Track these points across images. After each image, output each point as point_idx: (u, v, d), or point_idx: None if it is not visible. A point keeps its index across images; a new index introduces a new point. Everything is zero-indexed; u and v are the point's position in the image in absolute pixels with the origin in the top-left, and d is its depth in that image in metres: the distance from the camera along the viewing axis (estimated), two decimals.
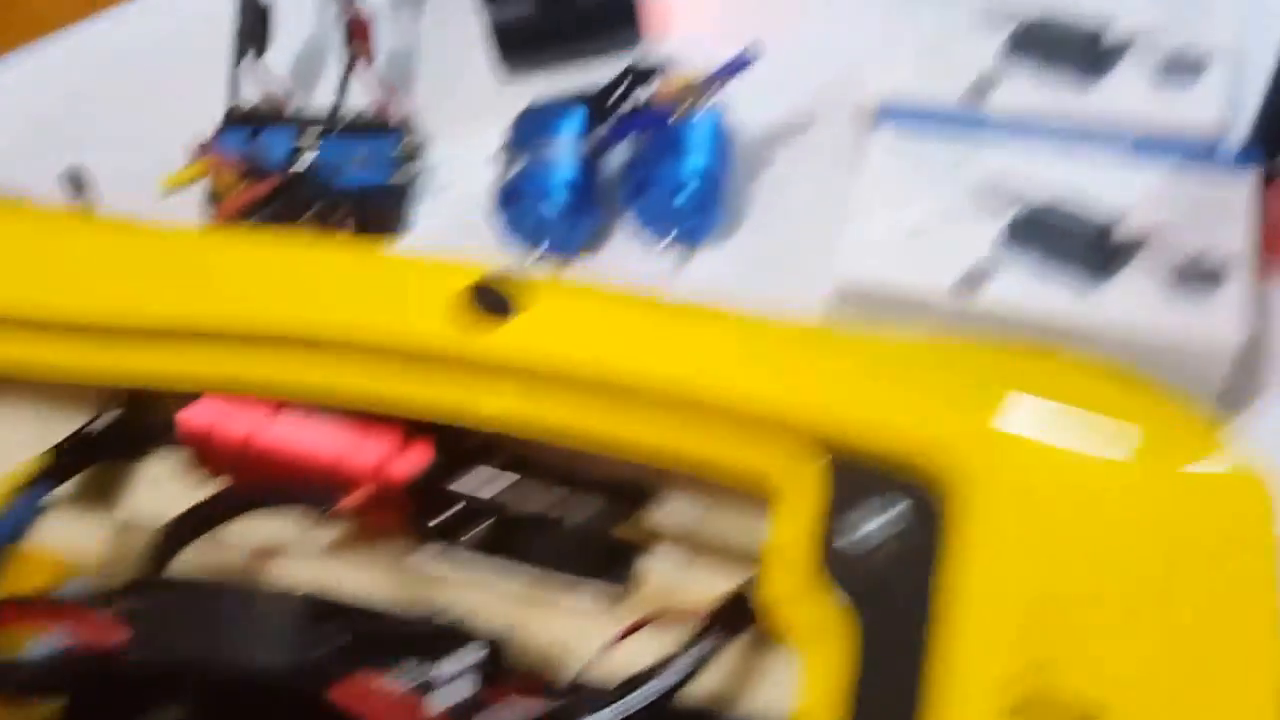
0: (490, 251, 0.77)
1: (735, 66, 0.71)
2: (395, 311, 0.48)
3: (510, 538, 0.58)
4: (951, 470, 0.40)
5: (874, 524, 0.41)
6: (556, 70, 0.86)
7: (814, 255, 0.61)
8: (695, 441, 0.43)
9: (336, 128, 0.82)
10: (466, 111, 0.85)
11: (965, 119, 0.62)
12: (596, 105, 0.75)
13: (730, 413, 0.43)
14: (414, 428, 0.51)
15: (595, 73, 0.73)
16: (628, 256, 0.77)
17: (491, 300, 0.51)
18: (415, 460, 0.55)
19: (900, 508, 0.41)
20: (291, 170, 0.80)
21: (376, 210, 0.81)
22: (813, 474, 0.41)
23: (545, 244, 0.76)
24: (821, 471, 0.41)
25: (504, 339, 0.46)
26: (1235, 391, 0.61)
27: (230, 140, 0.82)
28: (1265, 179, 0.61)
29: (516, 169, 0.75)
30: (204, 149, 0.81)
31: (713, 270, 0.76)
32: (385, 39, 0.88)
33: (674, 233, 0.75)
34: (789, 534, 0.40)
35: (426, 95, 0.88)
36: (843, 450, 0.41)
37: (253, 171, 0.79)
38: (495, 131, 0.79)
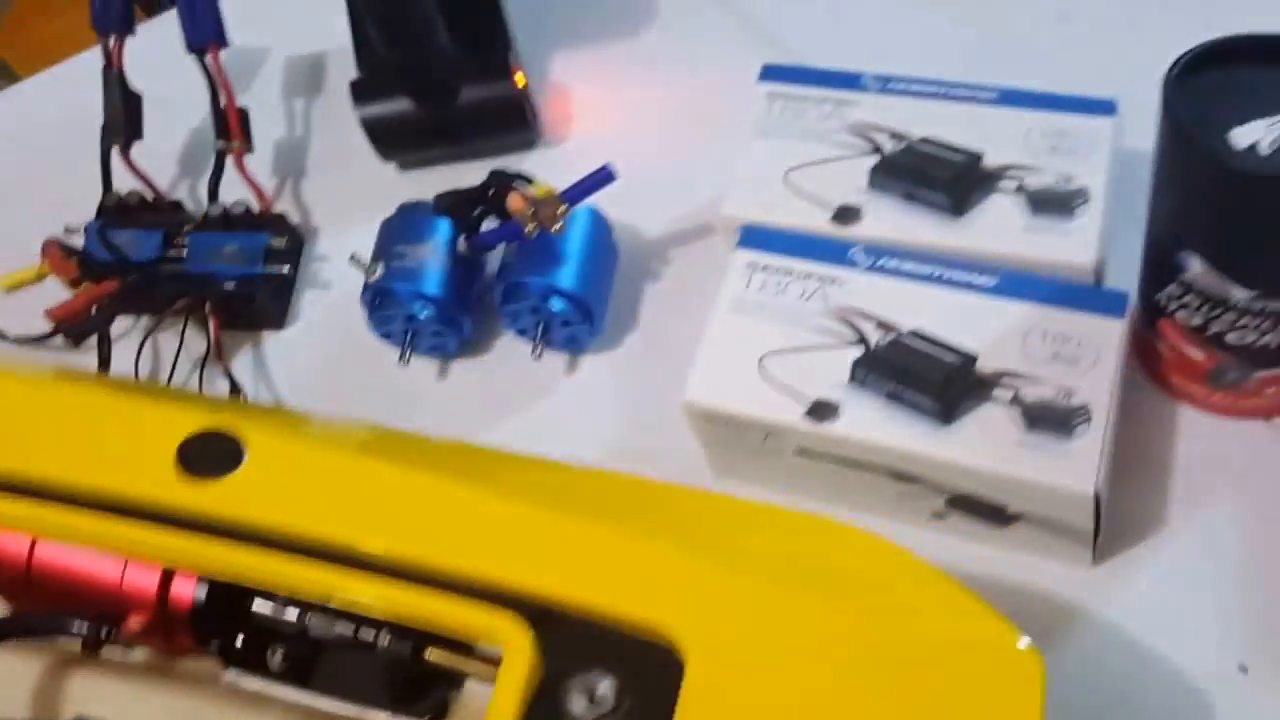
0: (368, 348, 0.74)
1: (597, 180, 0.69)
2: (120, 459, 0.45)
3: (316, 664, 0.54)
4: (671, 643, 0.39)
5: (588, 697, 0.40)
6: (451, 166, 0.84)
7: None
8: (413, 604, 0.40)
9: (209, 221, 0.79)
10: (355, 205, 0.83)
11: (826, 246, 0.59)
12: (459, 211, 0.72)
13: (443, 581, 0.40)
14: None
15: (483, 171, 0.73)
16: (510, 359, 0.75)
17: (214, 451, 0.48)
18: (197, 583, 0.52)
19: (612, 681, 0.40)
20: (156, 264, 0.77)
21: (246, 305, 0.78)
22: (529, 645, 0.39)
23: (414, 347, 0.74)
24: (538, 642, 0.40)
25: (223, 493, 0.43)
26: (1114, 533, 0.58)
27: (96, 235, 0.79)
28: (1150, 316, 0.59)
29: (378, 274, 0.72)
30: (47, 247, 0.78)
31: (593, 376, 0.74)
32: (273, 130, 0.86)
33: (546, 339, 0.73)
34: (505, 704, 0.37)
35: (314, 188, 0.86)
36: (560, 622, 0.40)
37: (93, 270, 0.76)
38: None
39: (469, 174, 0.79)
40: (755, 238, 0.64)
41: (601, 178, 0.68)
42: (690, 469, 0.63)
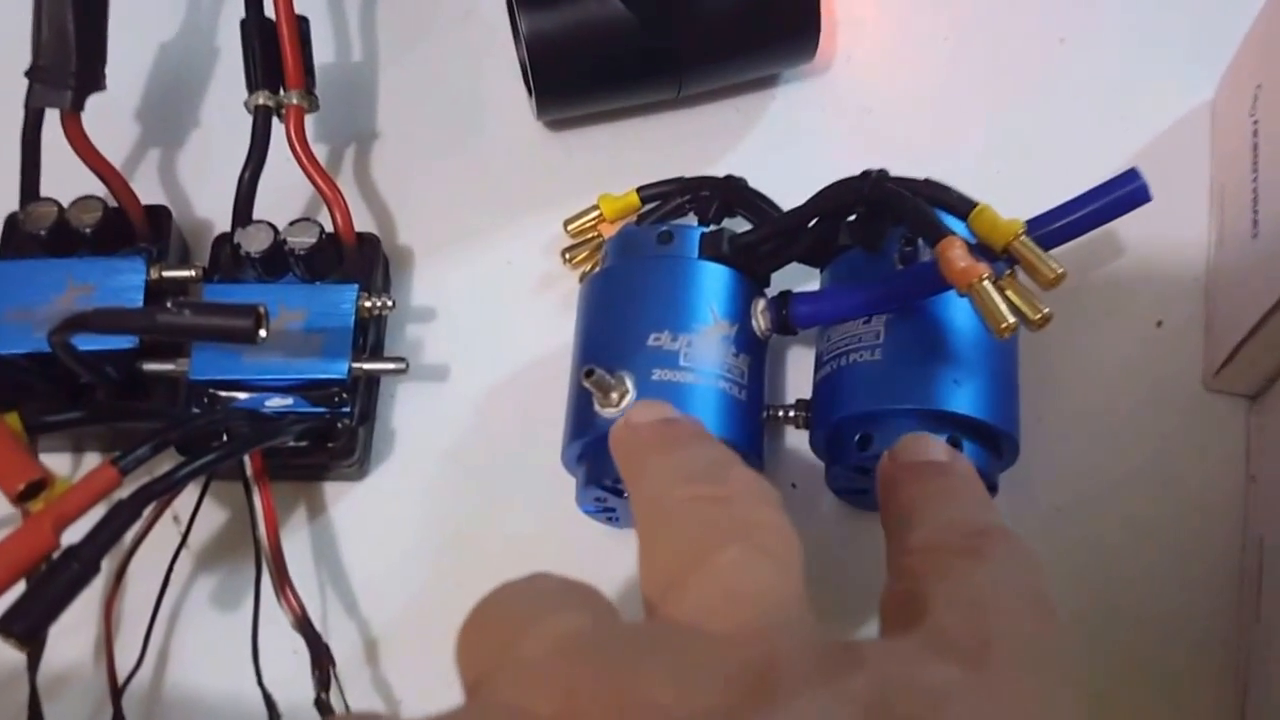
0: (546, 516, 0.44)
1: (1117, 202, 0.35)
2: None
3: None
4: None
5: None
6: (631, 125, 0.51)
7: None
8: None
9: (239, 262, 0.44)
10: (471, 213, 0.51)
11: None
12: (758, 252, 0.39)
13: None
14: None
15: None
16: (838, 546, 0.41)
17: None
18: None
19: None
20: (131, 365, 0.42)
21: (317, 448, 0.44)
22: None
23: None
24: None
25: None
26: None
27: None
28: None
29: (623, 400, 0.38)
30: None
31: None
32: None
33: None
34: None
35: (391, 182, 0.51)
36: None
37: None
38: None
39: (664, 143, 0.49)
40: None
41: (1128, 196, 0.35)
42: None
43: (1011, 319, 0.35)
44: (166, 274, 0.45)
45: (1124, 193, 0.36)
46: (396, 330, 0.48)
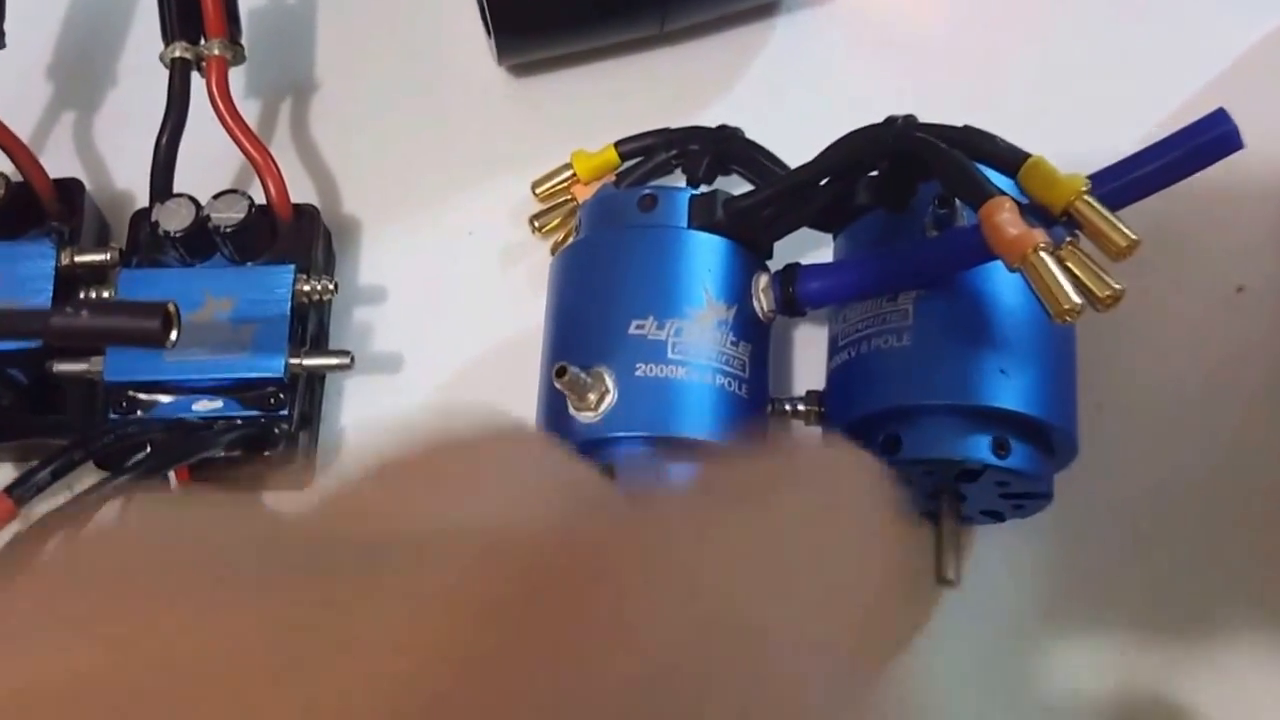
0: None
1: (1205, 148, 0.29)
2: None
3: None
4: None
5: None
6: (602, 68, 0.45)
7: None
8: None
9: (161, 243, 0.38)
10: (423, 177, 0.45)
11: None
12: (758, 215, 0.34)
13: None
14: None
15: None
16: None
17: None
18: None
19: None
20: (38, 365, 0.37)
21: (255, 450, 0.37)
22: None
23: None
24: None
25: None
26: None
27: None
28: None
29: (604, 402, 0.32)
30: None
31: None
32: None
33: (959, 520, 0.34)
34: None
35: (330, 142, 0.45)
36: None
37: None
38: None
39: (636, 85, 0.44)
40: None
41: (1214, 143, 0.29)
42: None
43: (1076, 299, 0.28)
44: (80, 259, 0.40)
45: (1209, 139, 0.30)
46: (342, 316, 0.42)
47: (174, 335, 0.31)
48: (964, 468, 0.33)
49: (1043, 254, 0.29)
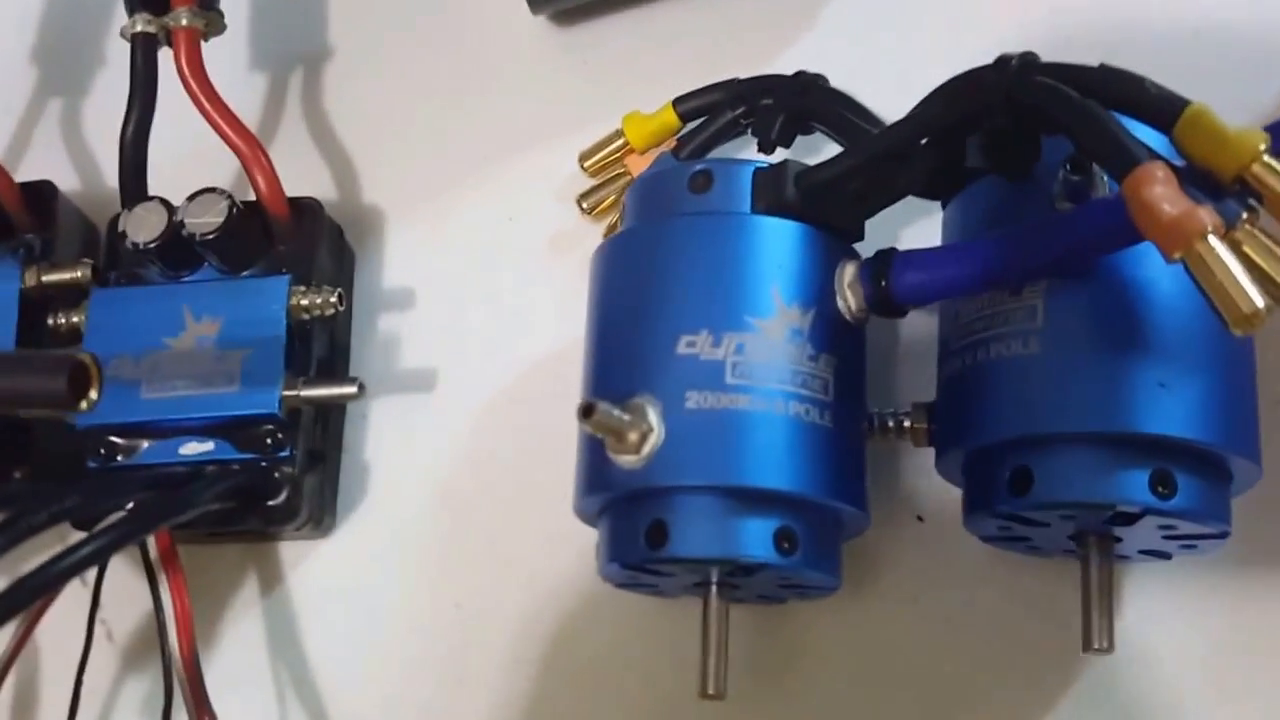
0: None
1: None
2: None
3: None
4: None
5: None
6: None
7: None
8: None
9: (139, 256, 0.34)
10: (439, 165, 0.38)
11: None
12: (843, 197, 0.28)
13: None
14: None
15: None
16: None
17: None
18: None
19: None
20: None
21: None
22: None
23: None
24: None
25: None
26: None
27: None
28: None
29: (651, 442, 0.26)
30: None
31: None
32: None
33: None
34: None
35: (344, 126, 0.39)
36: None
37: None
38: None
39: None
40: None
41: None
42: None
43: (1259, 301, 0.20)
44: (49, 278, 0.35)
45: None
46: (364, 327, 0.36)
47: (92, 395, 0.25)
48: (1116, 510, 0.25)
49: (1213, 241, 0.21)
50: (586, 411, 0.25)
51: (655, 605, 0.31)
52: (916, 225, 0.32)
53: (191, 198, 0.33)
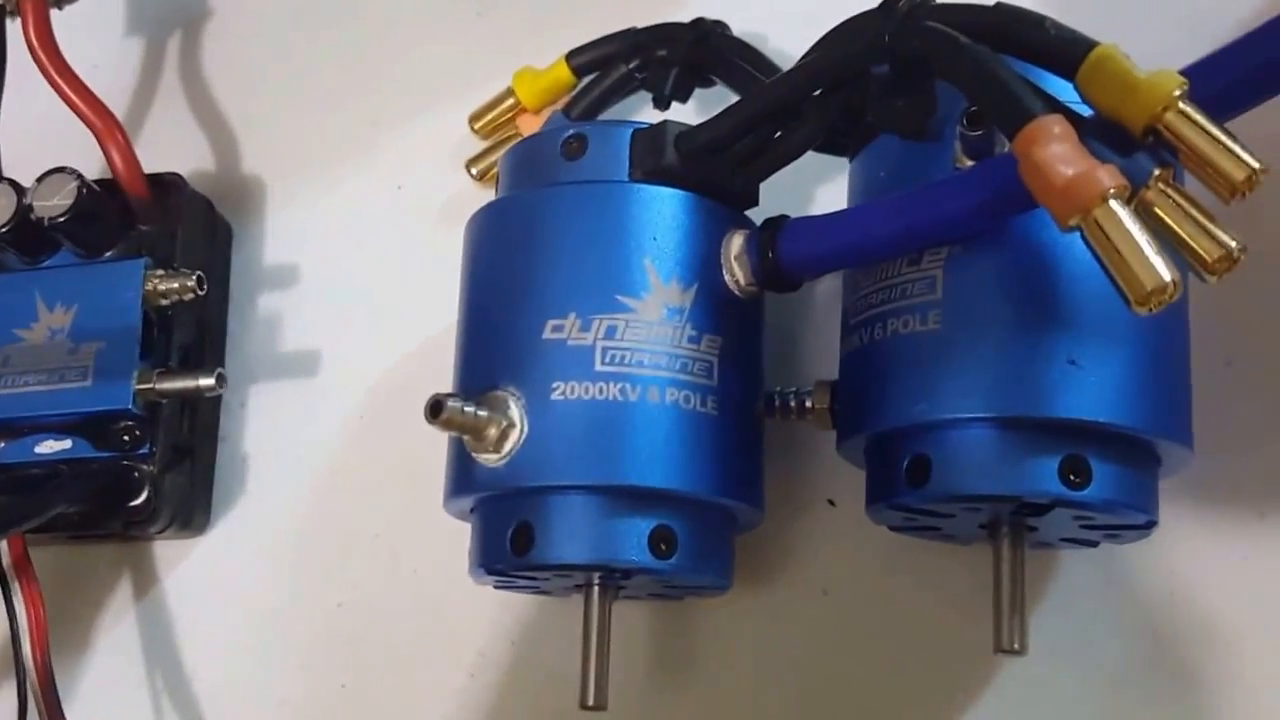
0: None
1: None
2: None
3: None
4: None
5: None
6: None
7: None
8: None
9: None
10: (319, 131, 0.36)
11: None
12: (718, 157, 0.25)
13: None
14: None
15: None
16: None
17: None
18: None
19: None
20: None
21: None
22: None
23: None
24: None
25: None
26: None
27: None
28: None
29: (516, 434, 0.23)
30: None
31: None
32: None
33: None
34: None
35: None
36: None
37: None
38: None
39: None
40: None
41: None
42: None
43: (1165, 275, 0.18)
44: None
45: None
46: (242, 307, 0.33)
47: None
48: (1023, 502, 0.23)
49: (1114, 206, 0.18)
50: (434, 409, 0.23)
51: (546, 603, 0.29)
52: (836, 182, 0.29)
53: (40, 179, 0.30)
